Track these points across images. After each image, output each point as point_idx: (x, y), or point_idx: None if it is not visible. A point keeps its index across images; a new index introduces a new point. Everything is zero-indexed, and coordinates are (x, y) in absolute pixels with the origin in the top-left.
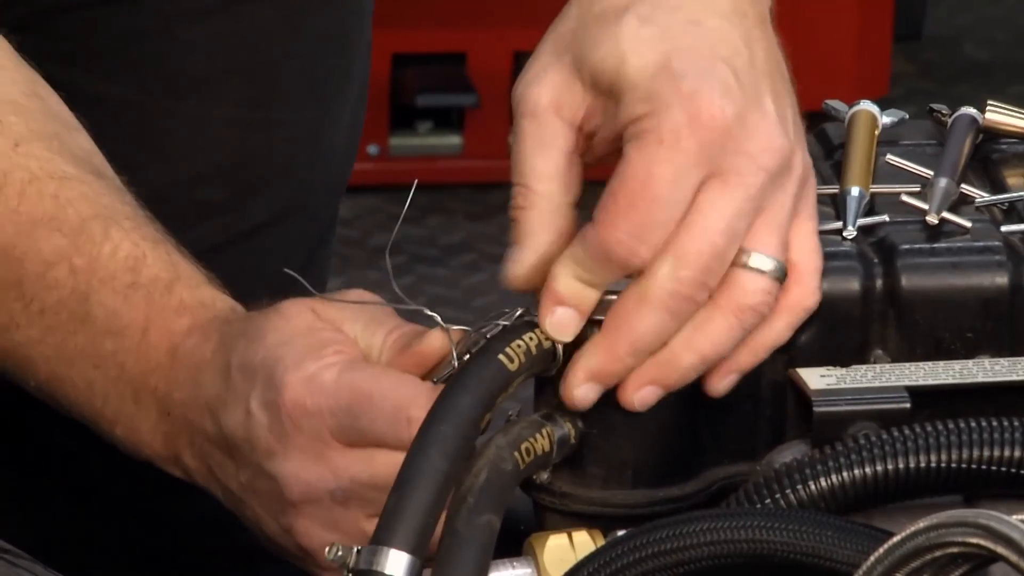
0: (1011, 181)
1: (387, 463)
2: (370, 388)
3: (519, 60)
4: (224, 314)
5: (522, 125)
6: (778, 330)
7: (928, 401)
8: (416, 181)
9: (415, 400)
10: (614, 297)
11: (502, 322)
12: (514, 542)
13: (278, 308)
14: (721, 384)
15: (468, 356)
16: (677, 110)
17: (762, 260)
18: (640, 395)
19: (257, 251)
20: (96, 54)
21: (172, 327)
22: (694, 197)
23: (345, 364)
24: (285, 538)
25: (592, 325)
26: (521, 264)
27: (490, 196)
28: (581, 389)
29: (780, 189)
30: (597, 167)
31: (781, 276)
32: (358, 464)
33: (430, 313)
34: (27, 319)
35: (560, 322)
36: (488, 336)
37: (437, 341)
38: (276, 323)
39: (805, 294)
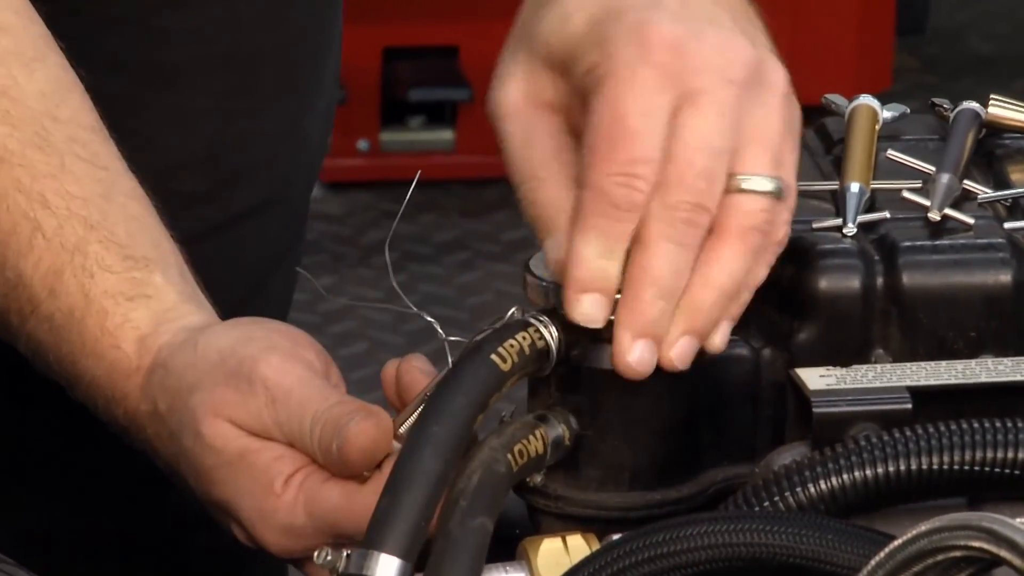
0: (1014, 177)
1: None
2: (347, 522)
3: None
4: (144, 371)
5: (504, 130)
6: (743, 259)
7: (930, 402)
8: (419, 173)
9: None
10: None
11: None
12: (508, 546)
13: (202, 436)
14: (718, 336)
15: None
16: (625, 45)
17: (755, 180)
18: (677, 350)
19: (235, 243)
20: (71, 42)
21: (95, 371)
22: (672, 126)
23: (309, 503)
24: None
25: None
26: (561, 248)
27: (484, 192)
28: (635, 352)
29: (759, 104)
30: None
31: (779, 192)
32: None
33: (429, 319)
34: None
35: (588, 311)
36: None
37: (361, 439)
38: (212, 459)
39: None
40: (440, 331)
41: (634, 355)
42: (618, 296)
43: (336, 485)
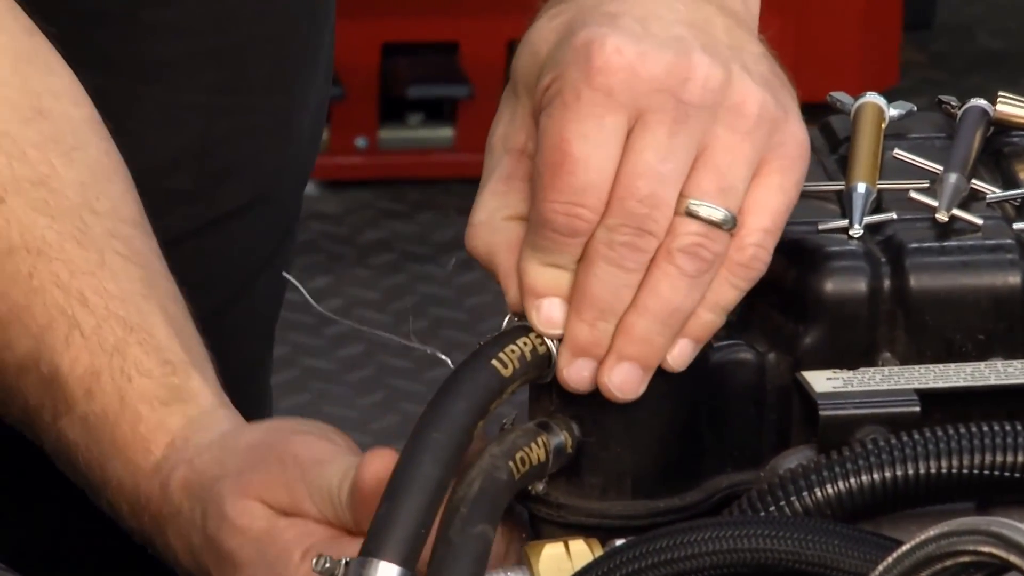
0: (1023, 176)
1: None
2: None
3: (513, 49)
4: (167, 471)
5: (484, 167)
6: (715, 287)
7: (938, 404)
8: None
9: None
10: None
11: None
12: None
13: (228, 518)
14: (671, 355)
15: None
16: (573, 66)
17: (698, 206)
18: (615, 378)
19: (224, 241)
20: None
21: (129, 472)
22: (623, 148)
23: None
24: None
25: None
26: (508, 291)
27: None
28: (571, 368)
29: (725, 127)
30: None
31: (727, 224)
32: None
33: (443, 357)
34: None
35: (548, 315)
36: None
37: (372, 468)
38: (237, 540)
39: (740, 247)
40: (450, 364)
41: (571, 372)
42: None
43: (350, 541)
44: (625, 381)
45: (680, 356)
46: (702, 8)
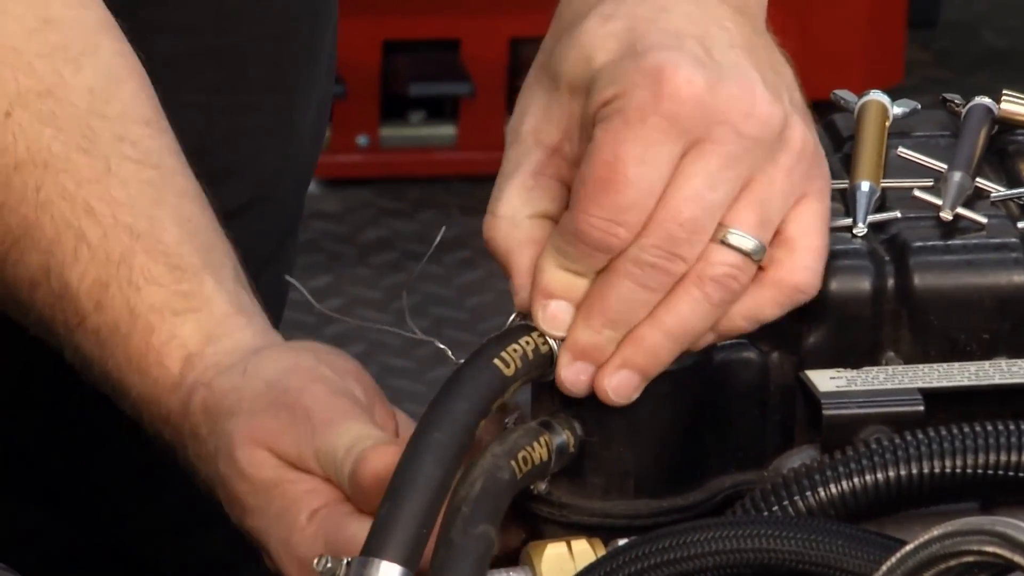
0: None
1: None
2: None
3: (515, 47)
4: (187, 390)
5: (504, 156)
6: (761, 302)
7: (943, 404)
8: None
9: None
10: None
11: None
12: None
13: (240, 469)
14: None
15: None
16: (641, 88)
17: (732, 235)
18: (614, 382)
19: None
20: None
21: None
22: (674, 171)
23: (327, 536)
24: None
25: None
26: (519, 291)
27: (485, 189)
28: (569, 369)
29: (770, 162)
30: None
31: (758, 255)
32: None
33: (441, 347)
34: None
35: (553, 315)
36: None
37: (375, 463)
38: (248, 488)
39: (794, 269)
40: (452, 356)
41: (569, 374)
42: None
43: (356, 520)
44: (623, 386)
45: (701, 346)
46: (741, 26)
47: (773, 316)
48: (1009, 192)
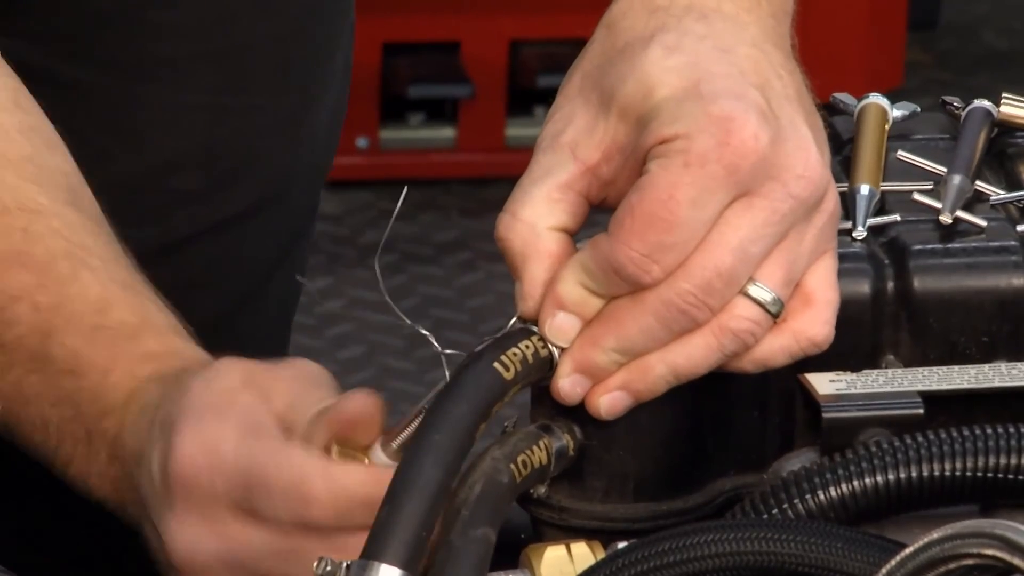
0: None
1: (283, 540)
2: (266, 463)
3: (515, 49)
4: (188, 366)
5: (535, 158)
6: (773, 349)
7: (942, 407)
8: (404, 194)
9: (312, 477)
10: None
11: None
12: (511, 553)
13: (213, 365)
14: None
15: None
16: (707, 134)
17: (759, 291)
18: (607, 400)
19: (233, 243)
20: (63, 37)
21: (135, 372)
22: (719, 217)
23: (245, 432)
24: None
25: None
26: (526, 298)
27: (485, 191)
28: (567, 380)
29: (807, 222)
30: None
31: (776, 310)
32: (252, 534)
33: (425, 333)
34: None
35: (560, 326)
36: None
37: (353, 404)
38: (201, 381)
39: (812, 323)
40: (435, 344)
41: (566, 384)
42: None
43: (275, 439)
44: (615, 405)
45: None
46: (794, 72)
47: (781, 364)
48: (1009, 195)
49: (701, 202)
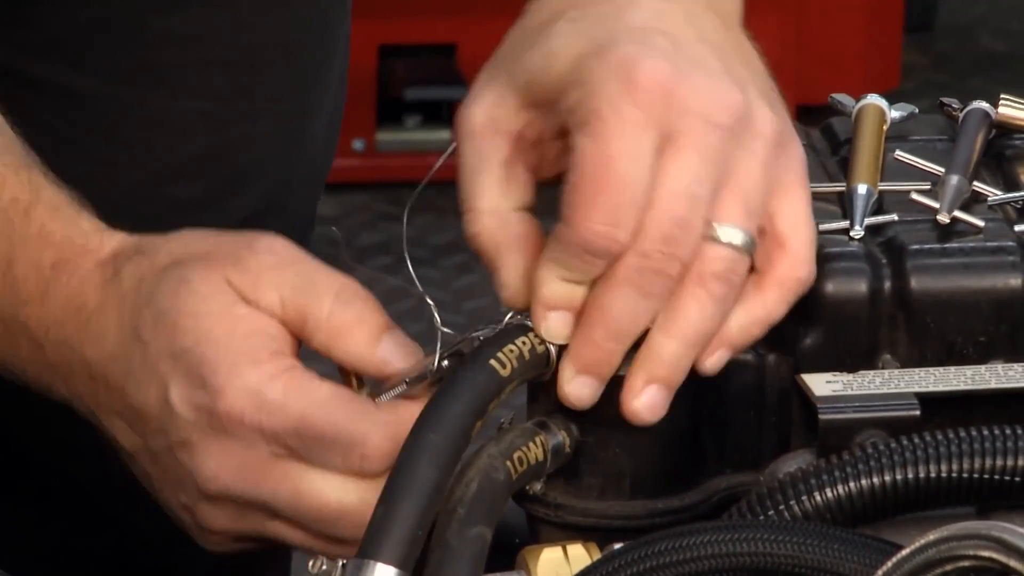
0: None
1: (318, 490)
2: (323, 420)
3: None
4: (102, 254)
5: (462, 149)
6: (769, 304)
7: (939, 408)
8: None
9: (370, 437)
10: None
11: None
12: (507, 555)
13: (187, 281)
14: (709, 360)
15: (446, 360)
16: (609, 82)
17: (725, 231)
18: (642, 401)
19: None
20: (66, 44)
21: (38, 261)
22: (656, 166)
23: (291, 381)
24: (181, 511)
25: None
26: (508, 287)
27: None
28: (573, 384)
29: (744, 150)
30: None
31: (745, 242)
32: (285, 484)
33: (430, 301)
34: None
35: (554, 327)
36: (480, 338)
37: (358, 303)
38: (191, 305)
39: (794, 265)
40: (437, 316)
41: (572, 388)
42: None
43: (326, 384)
44: (654, 404)
45: (717, 363)
46: (711, 21)
47: (783, 315)
48: (1006, 196)
49: (632, 150)
